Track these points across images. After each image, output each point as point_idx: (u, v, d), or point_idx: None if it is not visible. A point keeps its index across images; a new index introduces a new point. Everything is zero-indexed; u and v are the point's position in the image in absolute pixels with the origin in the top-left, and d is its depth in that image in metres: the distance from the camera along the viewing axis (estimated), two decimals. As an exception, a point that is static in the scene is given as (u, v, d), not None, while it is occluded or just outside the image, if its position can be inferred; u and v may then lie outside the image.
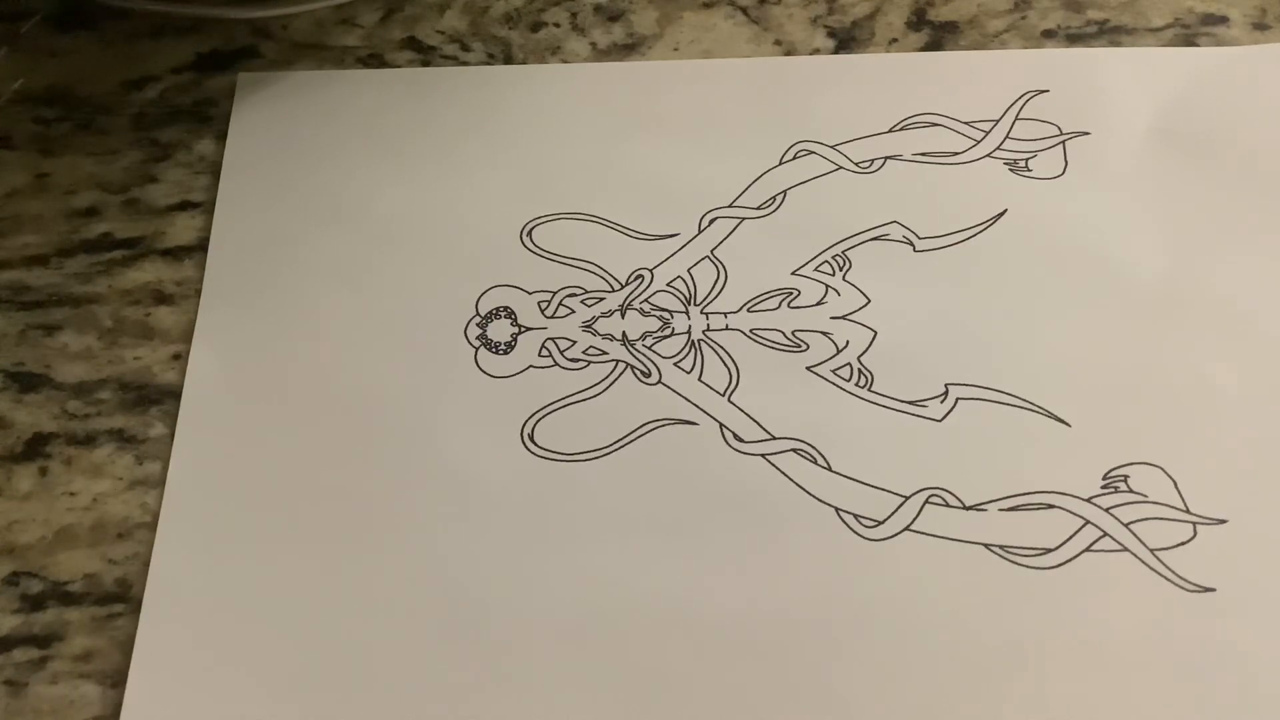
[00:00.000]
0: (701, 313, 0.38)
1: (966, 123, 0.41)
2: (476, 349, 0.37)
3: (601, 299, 0.38)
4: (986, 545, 0.34)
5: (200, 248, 0.39)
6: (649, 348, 0.37)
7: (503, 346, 0.37)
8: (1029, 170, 0.40)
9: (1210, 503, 0.34)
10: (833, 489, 0.35)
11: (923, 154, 0.41)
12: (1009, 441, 0.35)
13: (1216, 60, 0.42)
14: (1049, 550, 0.34)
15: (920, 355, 0.37)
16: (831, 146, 0.41)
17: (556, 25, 0.44)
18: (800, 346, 0.37)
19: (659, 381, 0.37)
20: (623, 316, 0.38)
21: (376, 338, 0.37)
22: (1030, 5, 0.44)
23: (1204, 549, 0.34)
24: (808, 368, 0.37)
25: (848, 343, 0.37)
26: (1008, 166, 0.40)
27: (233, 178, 0.40)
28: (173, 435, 0.36)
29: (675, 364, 0.37)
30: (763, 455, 0.35)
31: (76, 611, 0.34)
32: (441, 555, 0.34)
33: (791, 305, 0.38)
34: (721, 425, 0.36)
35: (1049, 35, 0.43)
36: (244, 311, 0.38)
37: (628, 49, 0.43)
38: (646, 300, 0.38)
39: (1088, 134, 0.41)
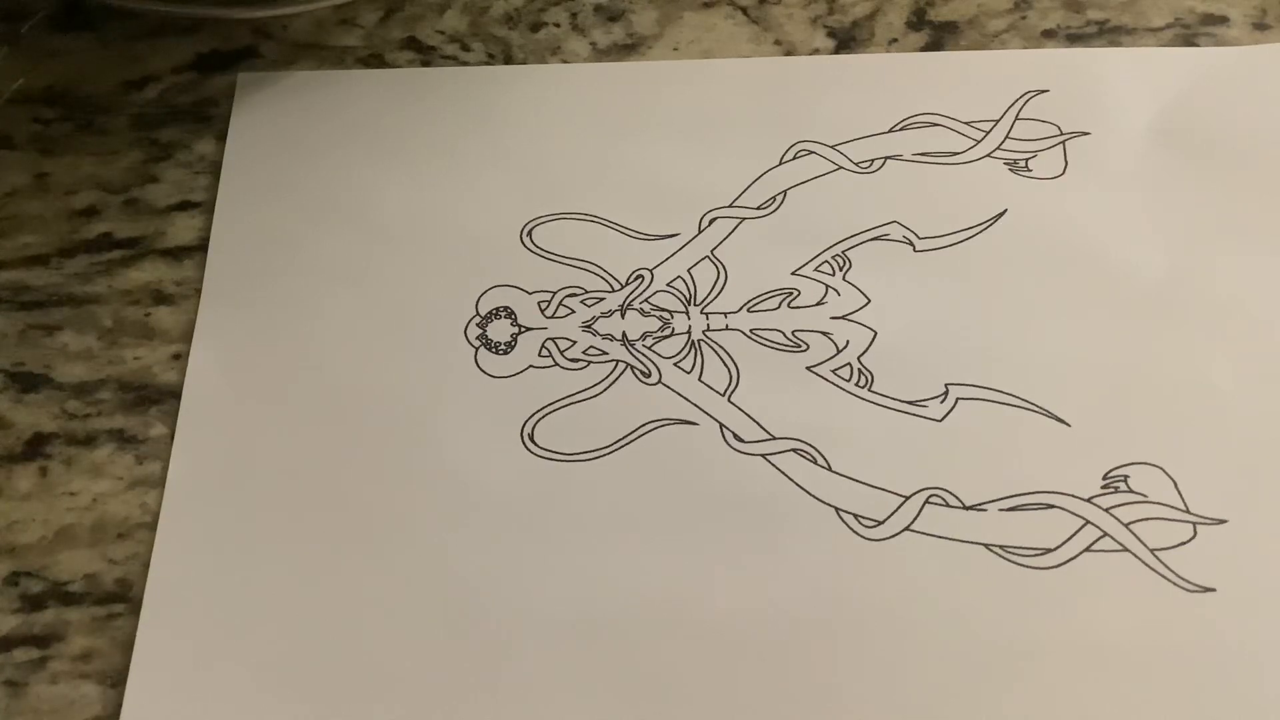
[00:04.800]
0: (701, 313, 0.38)
1: (966, 123, 0.41)
2: (476, 349, 0.37)
3: (601, 299, 0.38)
4: (986, 545, 0.34)
5: (200, 248, 0.39)
6: (649, 348, 0.37)
7: (503, 346, 0.37)
8: (1029, 170, 0.40)
9: (1210, 503, 0.34)
10: (833, 489, 0.35)
11: (923, 154, 0.41)
12: (1009, 441, 0.35)
13: (1216, 60, 0.42)
14: (1049, 550, 0.34)
15: (920, 355, 0.37)
16: (831, 146, 0.41)
17: (556, 25, 0.44)
18: (800, 346, 0.37)
19: (659, 381, 0.37)
20: (623, 316, 0.38)
21: (376, 337, 0.37)
22: (1030, 5, 0.44)
23: (1204, 549, 0.34)
24: (808, 368, 0.37)
25: (848, 343, 0.37)
26: (1008, 166, 0.40)
27: (233, 178, 0.40)
28: (173, 435, 0.36)
29: (675, 364, 0.37)
30: (763, 455, 0.35)
31: (76, 611, 0.34)
32: (441, 555, 0.34)
33: (791, 305, 0.38)
34: (721, 425, 0.36)
35: (1049, 35, 0.43)
36: (244, 311, 0.38)
37: (628, 49, 0.43)
38: (646, 300, 0.38)
39: (1088, 134, 0.41)
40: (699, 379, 0.37)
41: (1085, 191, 0.40)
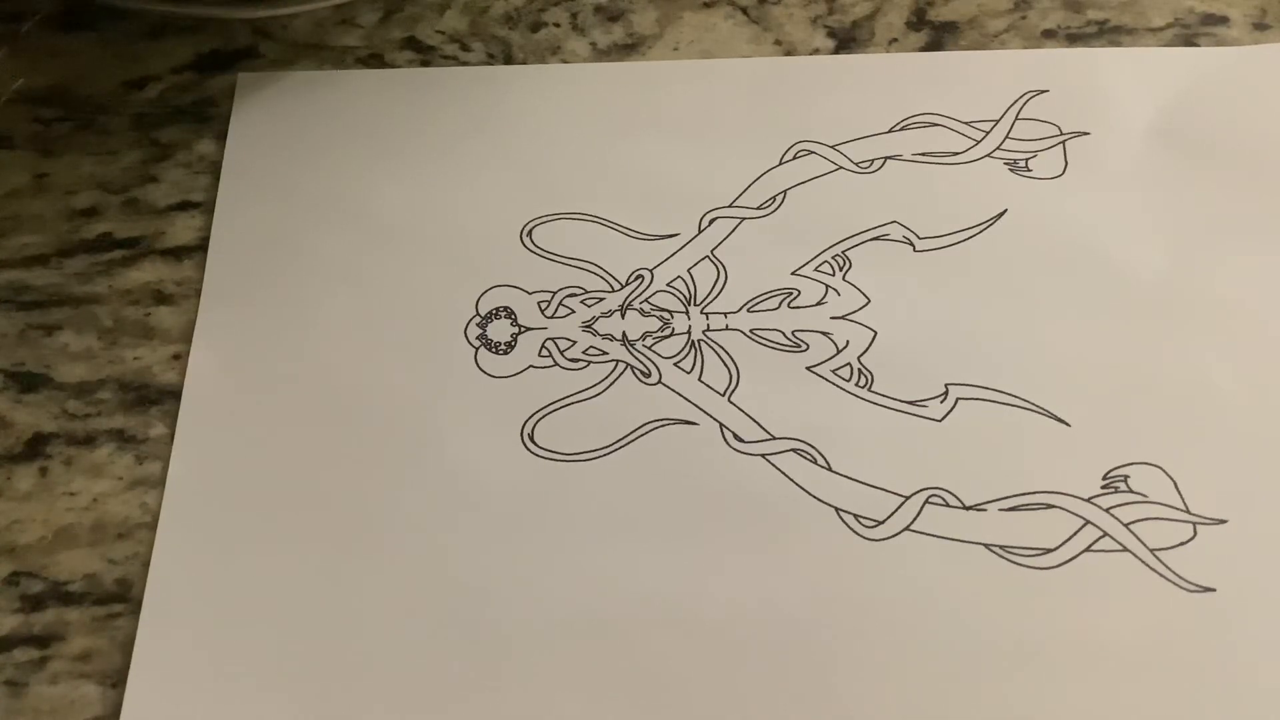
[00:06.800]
0: (701, 313, 0.38)
1: (966, 123, 0.41)
2: (476, 349, 0.37)
3: (601, 299, 0.38)
4: (986, 545, 0.34)
5: (200, 248, 0.39)
6: (649, 348, 0.37)
7: (503, 346, 0.37)
8: (1029, 170, 0.40)
9: (1210, 503, 0.34)
10: (833, 489, 0.35)
11: (923, 154, 0.41)
12: (1009, 441, 0.35)
13: (1216, 60, 0.42)
14: (1049, 550, 0.34)
15: (920, 355, 0.37)
16: (831, 146, 0.41)
17: (556, 25, 0.44)
18: (800, 346, 0.37)
19: (659, 381, 0.37)
20: (623, 316, 0.38)
21: (376, 337, 0.37)
22: (1030, 5, 0.44)
23: (1204, 549, 0.34)
24: (808, 368, 0.37)
25: (848, 343, 0.37)
26: (1008, 166, 0.40)
27: (233, 178, 0.40)
28: (173, 435, 0.36)
29: (675, 364, 0.37)
30: (763, 455, 0.35)
31: (76, 611, 0.34)
32: (441, 555, 0.34)
33: (791, 305, 0.38)
34: (721, 425, 0.36)
35: (1049, 35, 0.43)
36: (244, 311, 0.38)
37: (628, 49, 0.43)
38: (646, 300, 0.38)
39: (1088, 134, 0.41)
40: (699, 379, 0.37)
41: (1085, 191, 0.40)
